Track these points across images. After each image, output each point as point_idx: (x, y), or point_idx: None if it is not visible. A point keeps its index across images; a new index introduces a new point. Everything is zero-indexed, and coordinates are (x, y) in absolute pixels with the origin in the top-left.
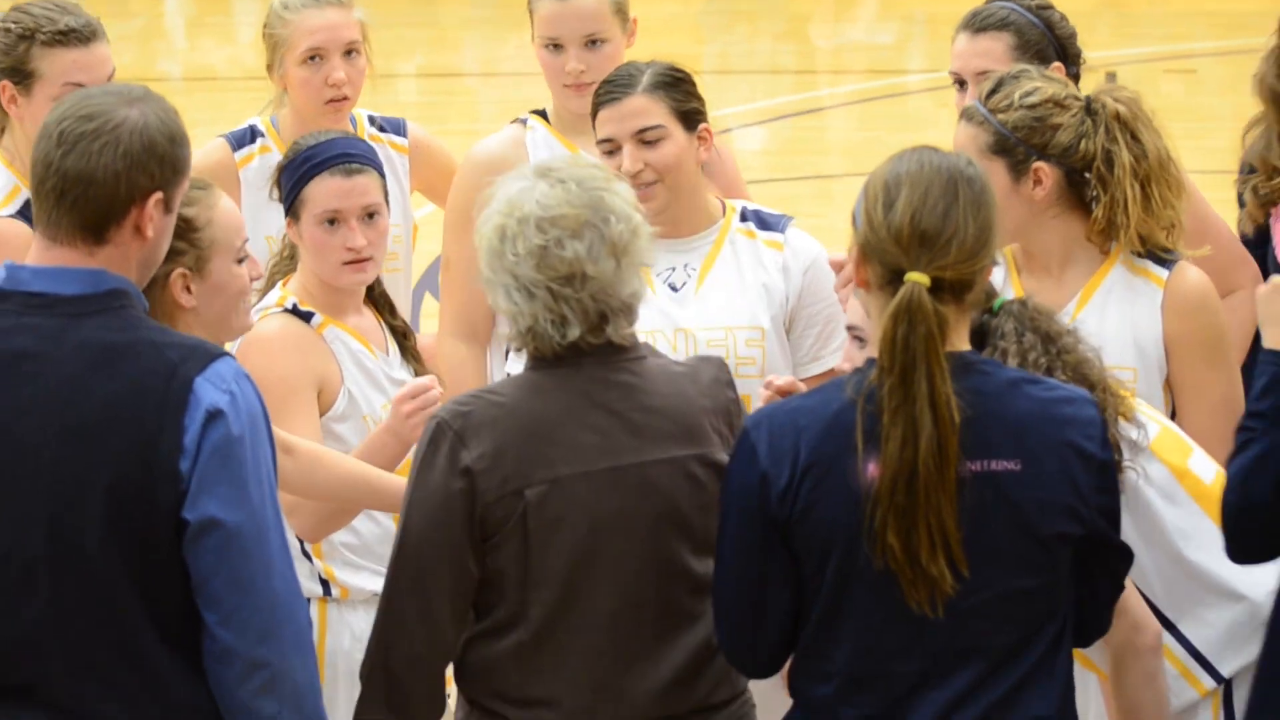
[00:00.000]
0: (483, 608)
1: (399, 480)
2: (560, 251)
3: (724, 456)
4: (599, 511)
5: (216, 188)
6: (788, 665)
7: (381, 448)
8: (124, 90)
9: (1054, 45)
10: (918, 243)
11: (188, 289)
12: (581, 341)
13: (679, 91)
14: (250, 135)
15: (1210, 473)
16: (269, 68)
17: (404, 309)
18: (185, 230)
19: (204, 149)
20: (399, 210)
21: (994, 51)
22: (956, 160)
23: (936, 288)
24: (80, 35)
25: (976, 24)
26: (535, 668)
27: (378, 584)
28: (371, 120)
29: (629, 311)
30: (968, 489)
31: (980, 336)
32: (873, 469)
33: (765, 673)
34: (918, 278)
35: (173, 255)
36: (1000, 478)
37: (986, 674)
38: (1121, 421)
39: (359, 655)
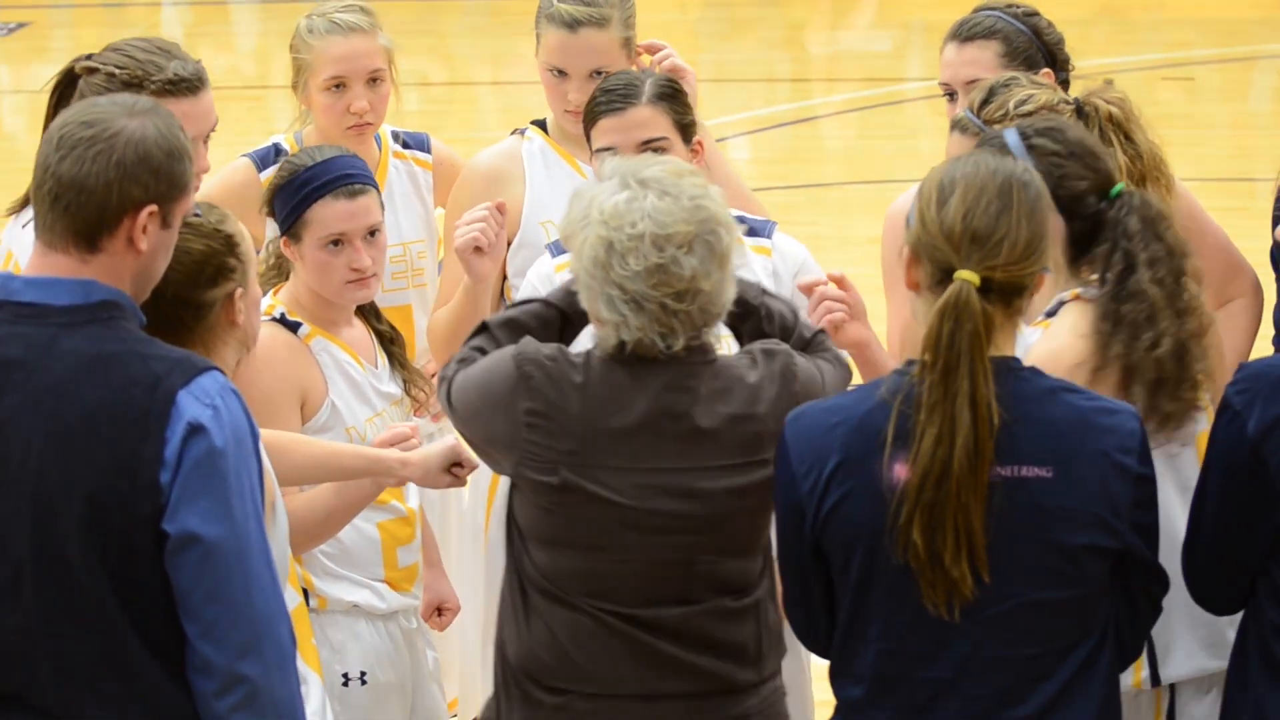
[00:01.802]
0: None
1: (361, 452)
2: (678, 270)
3: (772, 458)
4: (629, 505)
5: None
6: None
7: (358, 485)
8: (130, 101)
9: (1042, 51)
10: (969, 241)
11: (239, 307)
12: (680, 349)
13: (678, 104)
14: (275, 154)
15: None
16: (294, 86)
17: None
18: (233, 247)
19: (229, 168)
20: (424, 226)
21: (982, 60)
22: (1014, 165)
23: (985, 288)
24: (190, 85)
25: (964, 33)
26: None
27: (357, 594)
28: (395, 136)
29: (721, 318)
30: (998, 494)
31: (1093, 228)
32: (899, 470)
33: (827, 654)
34: (968, 276)
35: (230, 274)
36: (1031, 484)
37: (1013, 687)
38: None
39: (337, 666)
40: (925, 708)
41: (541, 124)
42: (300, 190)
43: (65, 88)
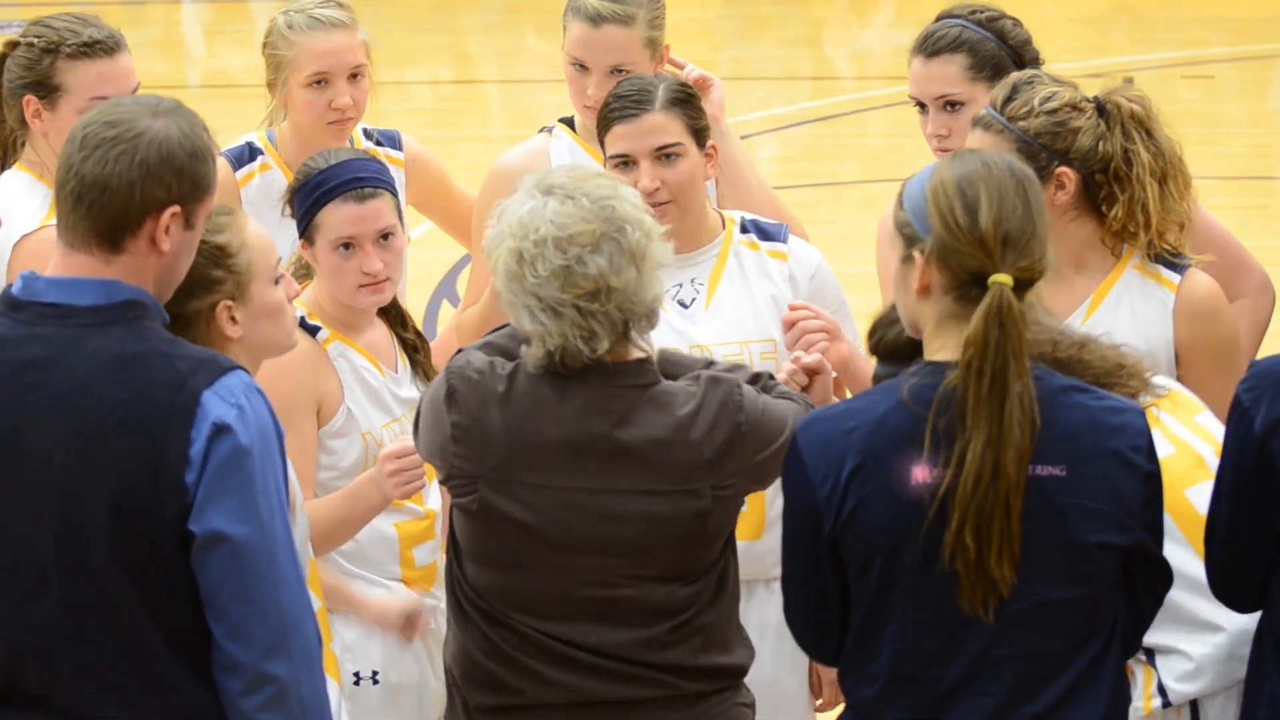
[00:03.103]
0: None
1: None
2: (583, 269)
3: (706, 495)
4: (545, 525)
5: (241, 211)
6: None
7: (365, 496)
8: (154, 102)
9: (1009, 55)
10: (1003, 244)
11: (233, 319)
12: (605, 358)
13: (692, 109)
14: (249, 153)
15: (1204, 502)
16: (270, 84)
17: None
18: (220, 258)
19: None
20: None
21: (948, 75)
22: (1010, 161)
23: (1016, 288)
24: (105, 47)
25: (929, 48)
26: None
27: (371, 593)
28: (367, 134)
29: (651, 317)
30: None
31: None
32: (921, 473)
33: (835, 661)
34: (1005, 279)
35: (213, 286)
36: (1045, 483)
37: (1026, 683)
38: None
39: (349, 665)
40: (938, 706)
41: (569, 121)
42: (312, 193)
43: None
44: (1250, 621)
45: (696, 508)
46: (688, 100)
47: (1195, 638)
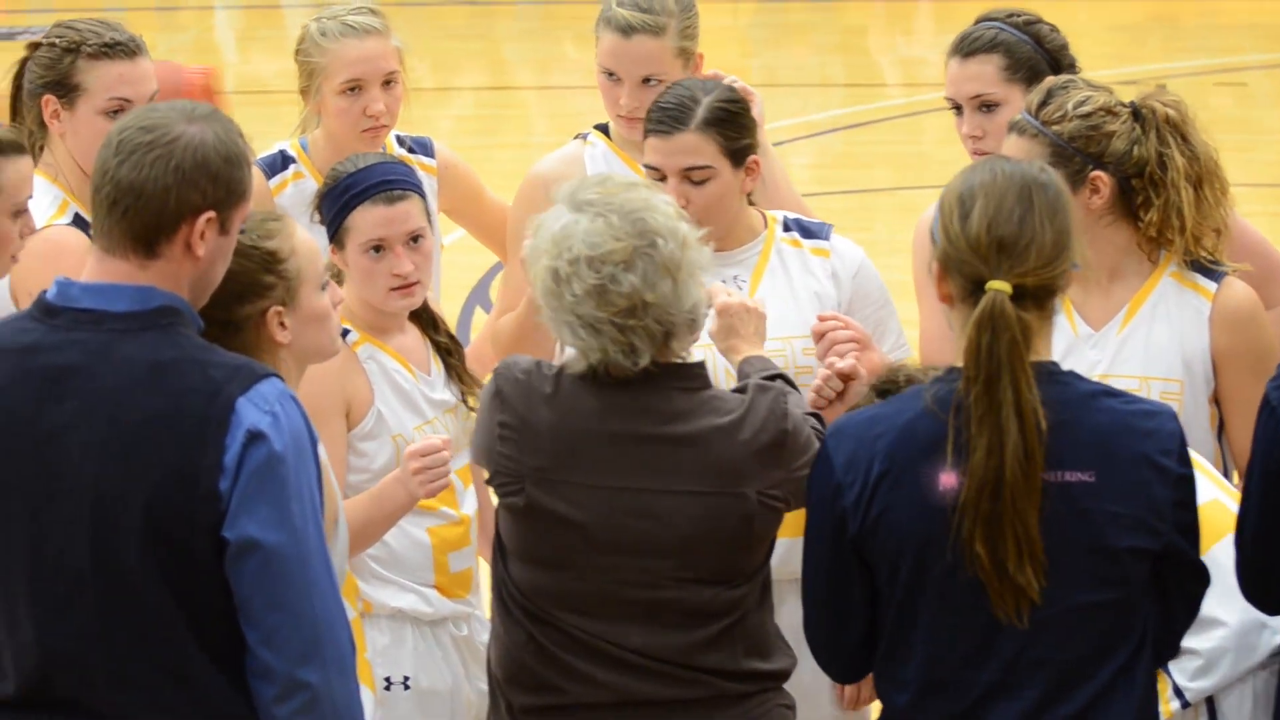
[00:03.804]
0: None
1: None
2: (617, 287)
3: (752, 498)
4: (592, 524)
5: (289, 217)
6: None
7: (392, 496)
8: (190, 107)
9: (1045, 58)
10: (996, 251)
11: (282, 324)
12: (650, 365)
13: (732, 128)
14: (282, 161)
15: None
16: (303, 91)
17: None
18: (272, 264)
19: None
20: None
21: (985, 75)
22: (1029, 168)
23: (1018, 295)
24: (126, 49)
25: (965, 48)
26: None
27: (402, 599)
28: (400, 141)
29: (693, 324)
30: (1044, 499)
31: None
32: (946, 479)
33: (849, 677)
34: (1000, 286)
35: (265, 291)
36: (1074, 489)
37: (1058, 687)
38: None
39: (381, 670)
40: (972, 711)
41: (604, 128)
42: (341, 196)
43: (20, 74)
44: (1254, 612)
45: (743, 510)
46: (728, 120)
47: (1201, 634)
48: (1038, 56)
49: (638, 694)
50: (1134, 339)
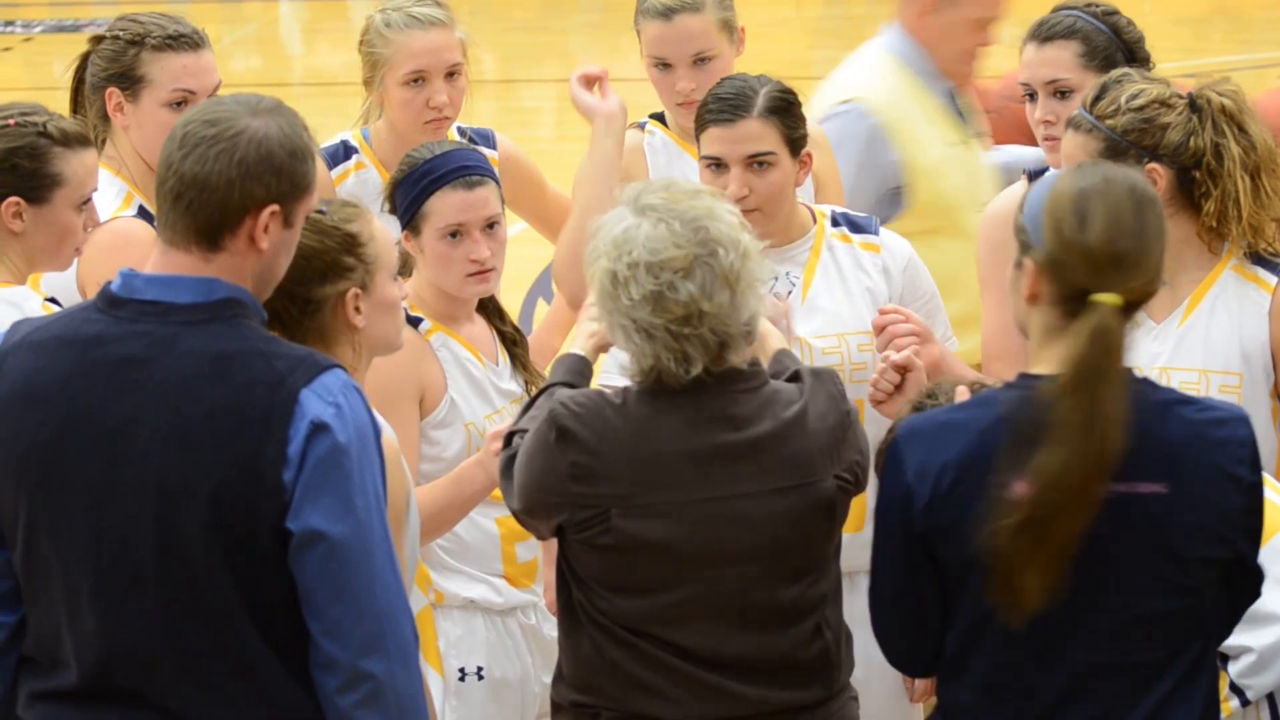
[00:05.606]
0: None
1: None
2: (674, 295)
3: (830, 482)
4: (685, 541)
5: (364, 205)
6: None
7: (470, 479)
8: (254, 101)
9: (1122, 50)
10: (1110, 264)
11: (358, 309)
12: (703, 374)
13: (791, 117)
14: (344, 151)
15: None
16: (366, 82)
17: None
18: (353, 246)
19: None
20: None
21: (1062, 60)
22: (1136, 177)
23: (1121, 308)
24: (190, 41)
25: (1043, 33)
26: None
27: (474, 589)
28: (461, 133)
29: (749, 335)
30: (1112, 510)
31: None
32: (1020, 487)
33: (925, 673)
34: (1110, 300)
35: (345, 273)
36: (1146, 500)
37: (1125, 693)
38: None
39: (454, 660)
40: (1040, 716)
41: (660, 116)
42: (419, 182)
43: (82, 67)
44: None
45: (825, 495)
46: (787, 109)
47: (1257, 631)
48: (1114, 47)
49: (721, 713)
50: (1194, 332)
